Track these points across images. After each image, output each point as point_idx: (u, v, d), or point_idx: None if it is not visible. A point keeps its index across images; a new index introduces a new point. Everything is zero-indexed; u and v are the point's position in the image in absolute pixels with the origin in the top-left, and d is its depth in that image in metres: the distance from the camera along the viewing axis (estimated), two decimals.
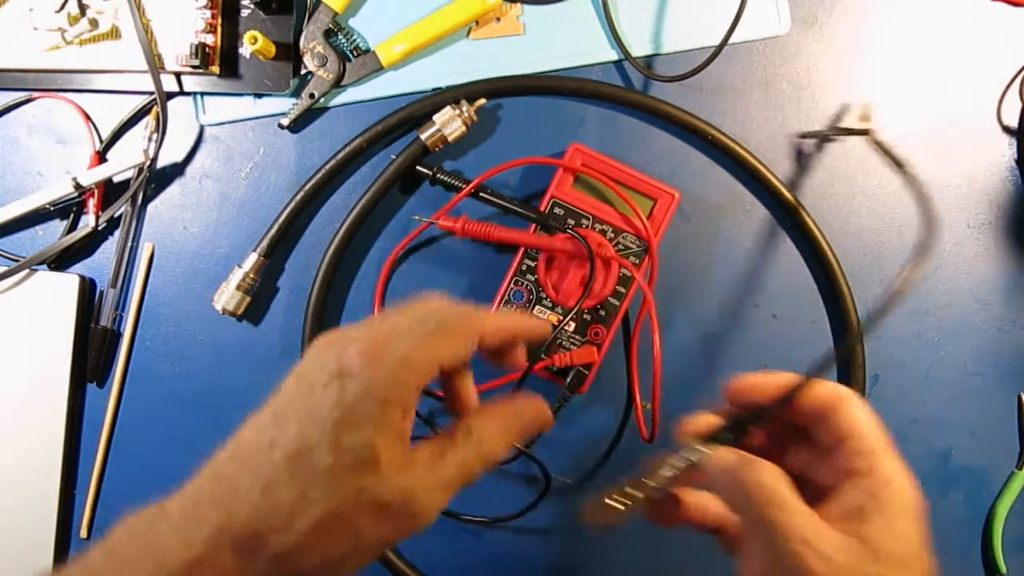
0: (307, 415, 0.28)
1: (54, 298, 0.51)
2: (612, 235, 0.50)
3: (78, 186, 0.49)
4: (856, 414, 0.30)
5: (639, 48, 0.53)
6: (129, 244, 0.52)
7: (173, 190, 0.53)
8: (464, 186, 0.50)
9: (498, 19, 0.52)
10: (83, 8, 0.49)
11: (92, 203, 0.51)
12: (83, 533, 0.52)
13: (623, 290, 0.50)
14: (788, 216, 0.53)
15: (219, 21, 0.50)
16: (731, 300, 0.53)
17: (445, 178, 0.50)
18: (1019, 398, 0.54)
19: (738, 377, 0.33)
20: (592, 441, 0.53)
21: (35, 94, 0.52)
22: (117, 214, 0.51)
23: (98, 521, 0.52)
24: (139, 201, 0.52)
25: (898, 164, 0.36)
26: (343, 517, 0.27)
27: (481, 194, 0.50)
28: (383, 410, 0.27)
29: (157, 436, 0.52)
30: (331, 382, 0.28)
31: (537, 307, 0.50)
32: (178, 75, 0.51)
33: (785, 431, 0.33)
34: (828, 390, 0.31)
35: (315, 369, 0.29)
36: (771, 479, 0.28)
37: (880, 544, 0.27)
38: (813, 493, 0.29)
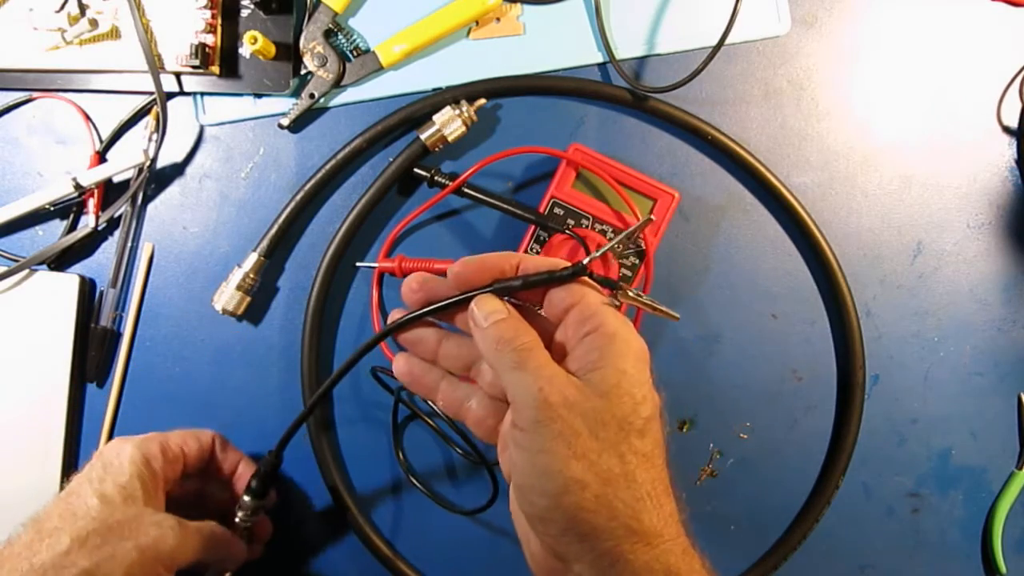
0: (76, 483, 0.40)
1: (54, 298, 0.51)
2: (612, 235, 0.50)
3: (78, 186, 0.49)
4: (575, 285, 0.34)
5: (638, 49, 0.53)
6: (129, 244, 0.52)
7: (173, 190, 0.53)
8: (463, 186, 0.50)
9: (498, 19, 0.52)
10: (83, 8, 0.49)
11: (92, 203, 0.51)
12: None
13: None
14: (788, 216, 0.53)
15: (219, 21, 0.50)
16: (731, 300, 0.53)
17: (443, 180, 0.50)
18: (1019, 398, 0.54)
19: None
20: None
21: (35, 94, 0.52)
22: (117, 214, 0.51)
23: None
24: (139, 201, 0.52)
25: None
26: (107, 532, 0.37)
27: (465, 190, 0.50)
28: (133, 466, 0.40)
29: None
30: (93, 462, 0.42)
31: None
32: (178, 75, 0.51)
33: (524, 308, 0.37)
34: (549, 265, 0.35)
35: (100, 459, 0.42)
36: (525, 342, 0.33)
37: (603, 382, 0.32)
38: (558, 357, 0.34)
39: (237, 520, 0.46)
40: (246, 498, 0.45)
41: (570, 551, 0.31)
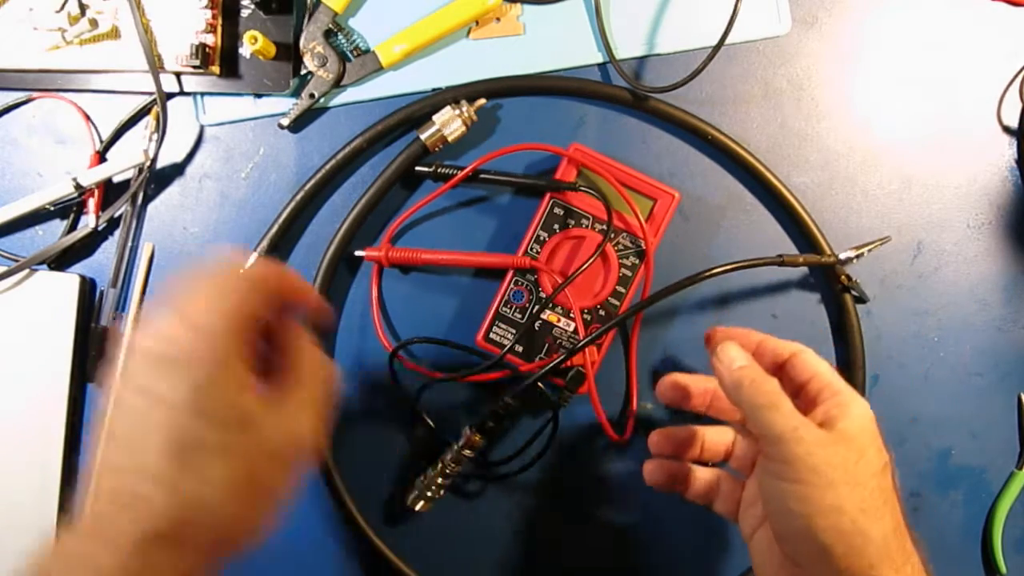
0: (164, 407, 0.28)
1: (54, 298, 0.51)
2: (612, 235, 0.50)
3: (78, 186, 0.49)
4: (813, 360, 0.40)
5: (638, 49, 0.53)
6: (129, 244, 0.52)
7: (173, 190, 0.53)
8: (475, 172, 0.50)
9: (498, 19, 0.52)
10: (83, 8, 0.49)
11: (92, 203, 0.51)
12: None
13: (623, 290, 0.50)
14: (788, 216, 0.53)
15: (219, 21, 0.50)
16: (730, 300, 0.53)
17: (446, 171, 0.50)
18: (1019, 398, 0.54)
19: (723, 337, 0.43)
20: (591, 440, 0.53)
21: (35, 94, 0.52)
22: (117, 214, 0.51)
23: None
24: (139, 201, 0.52)
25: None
26: (249, 476, 0.29)
27: (482, 175, 0.51)
28: (227, 368, 0.29)
29: None
30: (163, 369, 0.28)
31: (537, 307, 0.50)
32: (178, 75, 0.51)
33: None
34: (789, 346, 0.42)
35: (142, 372, 0.29)
36: (775, 388, 0.38)
37: (846, 433, 0.36)
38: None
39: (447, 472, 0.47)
40: (471, 433, 0.46)
41: (824, 573, 0.35)
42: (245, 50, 0.50)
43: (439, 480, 0.49)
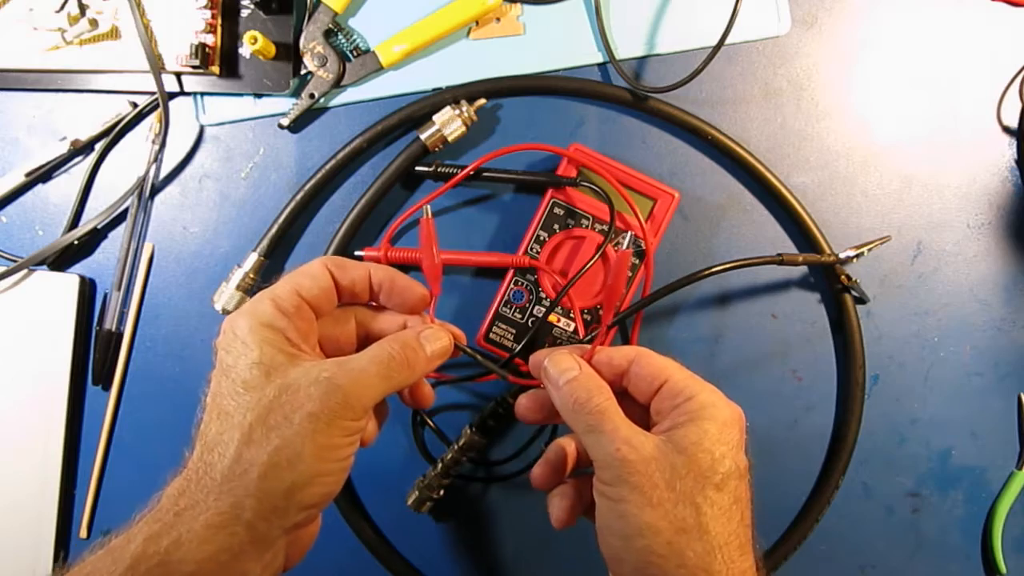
0: (215, 383, 0.34)
1: (54, 298, 0.51)
2: (613, 235, 0.50)
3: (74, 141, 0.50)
4: (658, 362, 0.37)
5: (638, 49, 0.53)
6: (132, 248, 0.52)
7: (173, 190, 0.53)
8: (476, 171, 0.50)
9: (498, 19, 0.52)
10: (83, 8, 0.49)
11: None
12: (83, 533, 0.52)
13: (623, 290, 0.50)
14: (788, 216, 0.53)
15: (219, 21, 0.50)
16: (730, 300, 0.53)
17: (446, 170, 0.50)
18: (1019, 398, 0.54)
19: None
20: None
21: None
22: (120, 210, 0.51)
23: (98, 521, 0.52)
24: (141, 203, 0.52)
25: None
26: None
27: (485, 173, 0.51)
28: (254, 335, 0.33)
29: (157, 436, 0.52)
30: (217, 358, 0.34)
31: (537, 307, 0.50)
32: (178, 75, 0.51)
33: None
34: (626, 352, 0.38)
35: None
36: (602, 403, 0.35)
37: (683, 439, 0.33)
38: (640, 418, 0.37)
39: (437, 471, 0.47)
40: (471, 432, 0.43)
41: None
42: (245, 50, 0.50)
43: (439, 480, 0.49)
